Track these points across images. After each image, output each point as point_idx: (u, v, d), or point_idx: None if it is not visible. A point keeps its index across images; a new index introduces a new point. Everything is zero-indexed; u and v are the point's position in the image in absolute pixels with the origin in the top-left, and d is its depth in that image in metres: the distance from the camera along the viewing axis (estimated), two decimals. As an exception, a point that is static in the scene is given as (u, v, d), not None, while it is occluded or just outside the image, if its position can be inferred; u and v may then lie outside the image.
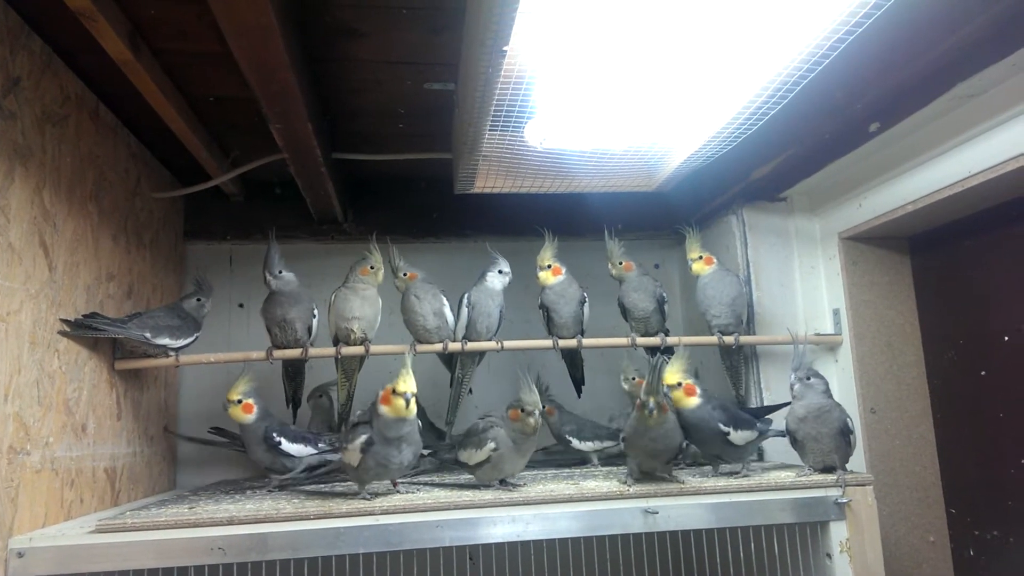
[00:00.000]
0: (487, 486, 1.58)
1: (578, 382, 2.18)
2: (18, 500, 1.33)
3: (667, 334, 2.05)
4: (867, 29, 1.19)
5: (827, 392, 1.63)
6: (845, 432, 1.59)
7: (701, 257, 2.01)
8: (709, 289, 2.00)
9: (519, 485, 1.58)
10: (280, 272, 1.86)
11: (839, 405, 1.62)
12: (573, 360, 2.17)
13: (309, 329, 1.89)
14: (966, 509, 1.82)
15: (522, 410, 1.51)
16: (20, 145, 1.37)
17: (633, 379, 2.02)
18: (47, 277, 1.47)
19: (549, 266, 1.98)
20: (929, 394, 1.95)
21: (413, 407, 1.45)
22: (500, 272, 1.99)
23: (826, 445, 1.60)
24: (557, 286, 1.98)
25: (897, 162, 1.72)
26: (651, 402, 1.48)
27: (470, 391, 2.04)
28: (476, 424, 1.62)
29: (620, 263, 2.04)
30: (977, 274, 1.78)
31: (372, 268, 1.91)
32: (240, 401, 1.73)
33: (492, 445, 1.53)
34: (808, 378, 1.64)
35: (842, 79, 1.48)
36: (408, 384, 1.45)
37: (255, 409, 1.76)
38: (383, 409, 1.46)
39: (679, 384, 1.63)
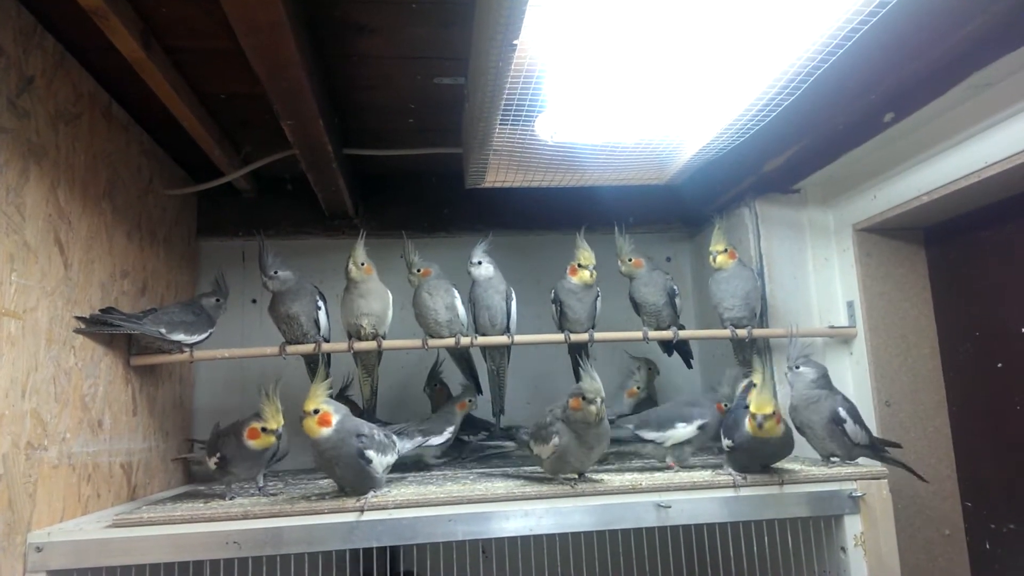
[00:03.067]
0: (559, 481, 1.56)
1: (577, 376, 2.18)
2: (36, 495, 1.34)
3: (680, 328, 2.04)
4: (882, 18, 1.17)
5: (818, 381, 1.65)
6: (837, 421, 1.60)
7: (727, 250, 1.98)
8: (723, 282, 1.99)
9: (594, 480, 1.55)
10: (275, 272, 1.83)
11: (835, 394, 1.63)
12: (581, 355, 2.16)
13: (316, 323, 1.89)
14: (982, 502, 1.81)
15: (583, 398, 1.47)
16: (34, 144, 1.38)
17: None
18: (62, 275, 1.48)
19: (595, 267, 1.95)
20: (945, 387, 1.93)
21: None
22: (470, 263, 1.97)
23: (819, 433, 1.63)
24: (593, 287, 1.96)
25: (912, 153, 1.71)
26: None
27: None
28: (543, 417, 1.59)
29: (630, 260, 2.02)
30: (993, 265, 1.76)
31: (349, 259, 1.87)
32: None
33: (556, 440, 1.51)
34: (797, 367, 1.65)
35: (856, 69, 1.46)
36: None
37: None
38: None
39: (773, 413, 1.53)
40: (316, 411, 1.44)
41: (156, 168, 2.01)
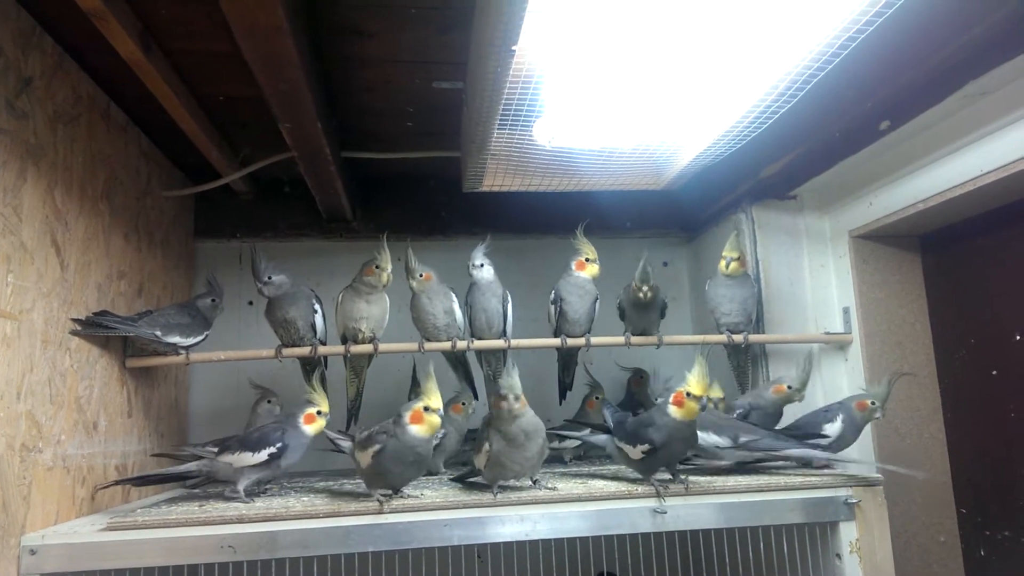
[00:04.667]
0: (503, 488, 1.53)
1: (565, 387, 2.16)
2: (30, 498, 1.34)
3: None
4: (878, 27, 1.18)
5: None
6: None
7: (739, 258, 1.96)
8: (721, 288, 1.99)
9: (549, 487, 1.53)
10: (269, 278, 1.83)
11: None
12: (567, 363, 2.15)
13: (312, 326, 1.89)
14: (977, 509, 1.81)
15: (498, 394, 1.44)
16: (32, 145, 1.38)
17: None
18: (59, 276, 1.48)
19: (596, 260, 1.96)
20: (940, 393, 1.94)
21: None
22: (472, 265, 1.96)
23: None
24: (594, 286, 1.96)
25: (908, 160, 1.71)
26: None
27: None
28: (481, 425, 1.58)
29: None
30: (989, 273, 1.76)
31: (378, 268, 1.88)
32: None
33: (487, 446, 1.49)
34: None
35: (852, 77, 1.47)
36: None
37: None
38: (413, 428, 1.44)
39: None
40: (440, 408, 1.45)
41: (154, 170, 2.00)
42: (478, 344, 1.97)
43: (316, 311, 1.90)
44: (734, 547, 1.55)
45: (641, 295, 1.93)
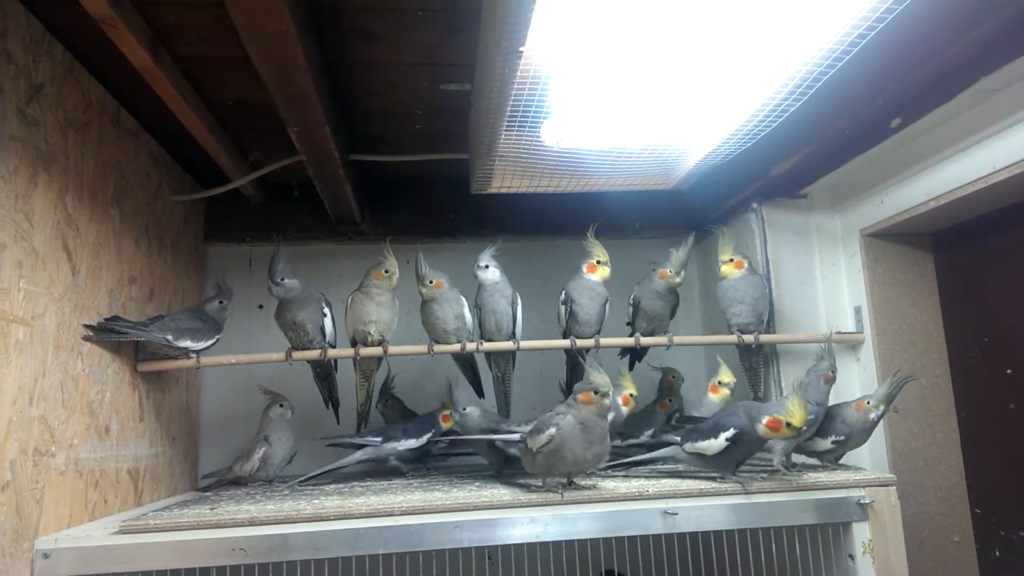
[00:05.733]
0: (550, 489, 1.52)
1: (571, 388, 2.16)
2: (43, 501, 1.35)
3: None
4: (889, 24, 1.17)
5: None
6: None
7: (732, 260, 1.96)
8: (731, 289, 1.97)
9: (585, 487, 1.52)
10: (282, 280, 1.83)
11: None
12: (576, 364, 2.14)
13: (322, 329, 1.89)
14: (991, 509, 1.80)
15: (595, 392, 1.43)
16: (43, 151, 1.39)
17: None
18: (70, 281, 1.49)
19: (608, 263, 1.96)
20: (953, 393, 1.92)
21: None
22: (477, 267, 1.96)
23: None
24: (605, 288, 1.96)
25: (919, 158, 1.70)
26: None
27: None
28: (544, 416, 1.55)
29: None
30: (1002, 271, 1.75)
31: (387, 272, 1.89)
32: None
33: (552, 431, 1.45)
34: None
35: (863, 74, 1.46)
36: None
37: None
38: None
39: None
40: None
41: (164, 174, 2.01)
42: (487, 346, 1.97)
43: (325, 314, 1.90)
44: (746, 548, 1.55)
45: (679, 280, 1.96)
